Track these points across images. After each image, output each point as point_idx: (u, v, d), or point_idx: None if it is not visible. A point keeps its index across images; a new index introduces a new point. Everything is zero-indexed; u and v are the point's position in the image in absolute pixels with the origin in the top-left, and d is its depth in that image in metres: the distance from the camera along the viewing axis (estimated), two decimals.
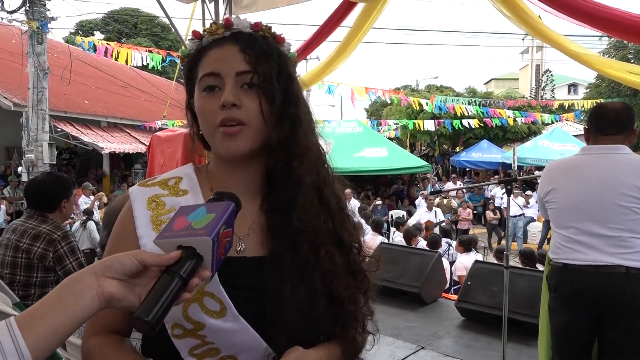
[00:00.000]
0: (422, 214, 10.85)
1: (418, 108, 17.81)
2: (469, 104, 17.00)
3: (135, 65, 10.20)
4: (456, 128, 18.39)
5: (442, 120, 18.48)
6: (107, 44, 9.91)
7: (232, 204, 0.85)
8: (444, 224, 10.27)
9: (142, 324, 0.72)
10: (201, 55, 1.04)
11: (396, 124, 20.91)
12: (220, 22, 1.06)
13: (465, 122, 17.91)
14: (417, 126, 18.47)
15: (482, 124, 18.61)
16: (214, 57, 1.02)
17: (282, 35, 1.08)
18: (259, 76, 1.00)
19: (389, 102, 18.04)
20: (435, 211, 10.81)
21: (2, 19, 10.19)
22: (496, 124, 19.05)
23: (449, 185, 16.68)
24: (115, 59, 9.98)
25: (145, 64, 9.98)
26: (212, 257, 0.79)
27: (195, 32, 1.08)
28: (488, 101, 19.07)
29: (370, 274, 1.11)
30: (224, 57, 1.01)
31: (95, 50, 10.03)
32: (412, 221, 10.37)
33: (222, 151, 1.02)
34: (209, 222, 0.80)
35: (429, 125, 18.27)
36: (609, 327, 2.42)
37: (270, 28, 1.07)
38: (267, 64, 1.01)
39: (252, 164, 1.06)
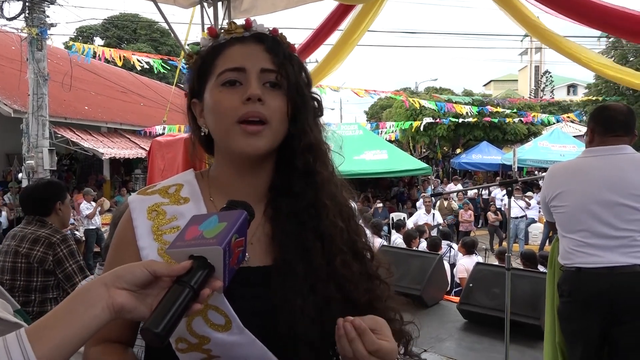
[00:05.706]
0: (420, 216, 10.86)
1: (417, 106, 17.90)
2: (467, 104, 17.08)
3: (139, 65, 10.23)
4: (458, 122, 18.47)
5: (440, 120, 18.56)
6: (100, 48, 9.94)
7: (245, 213, 0.83)
8: (441, 226, 10.28)
9: (151, 336, 0.71)
10: (218, 52, 1.01)
11: (392, 126, 20.92)
12: (240, 22, 1.03)
13: (463, 121, 18.01)
14: (412, 127, 18.56)
15: (479, 122, 18.68)
16: (238, 53, 0.99)
17: (293, 45, 1.06)
18: (284, 77, 0.98)
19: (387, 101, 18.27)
20: (434, 214, 10.81)
21: (3, 25, 10.21)
22: (494, 122, 19.14)
23: (451, 186, 16.67)
24: (117, 64, 10.04)
25: (146, 67, 10.01)
26: (223, 267, 0.78)
27: (211, 29, 1.04)
28: (486, 100, 19.21)
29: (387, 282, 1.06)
30: (248, 54, 0.99)
31: (95, 57, 10.07)
32: (409, 223, 10.37)
33: (239, 149, 0.97)
34: (221, 231, 0.78)
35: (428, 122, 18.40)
36: (623, 329, 2.38)
37: (285, 37, 1.06)
38: (292, 67, 1.00)
39: (260, 168, 1.03)
